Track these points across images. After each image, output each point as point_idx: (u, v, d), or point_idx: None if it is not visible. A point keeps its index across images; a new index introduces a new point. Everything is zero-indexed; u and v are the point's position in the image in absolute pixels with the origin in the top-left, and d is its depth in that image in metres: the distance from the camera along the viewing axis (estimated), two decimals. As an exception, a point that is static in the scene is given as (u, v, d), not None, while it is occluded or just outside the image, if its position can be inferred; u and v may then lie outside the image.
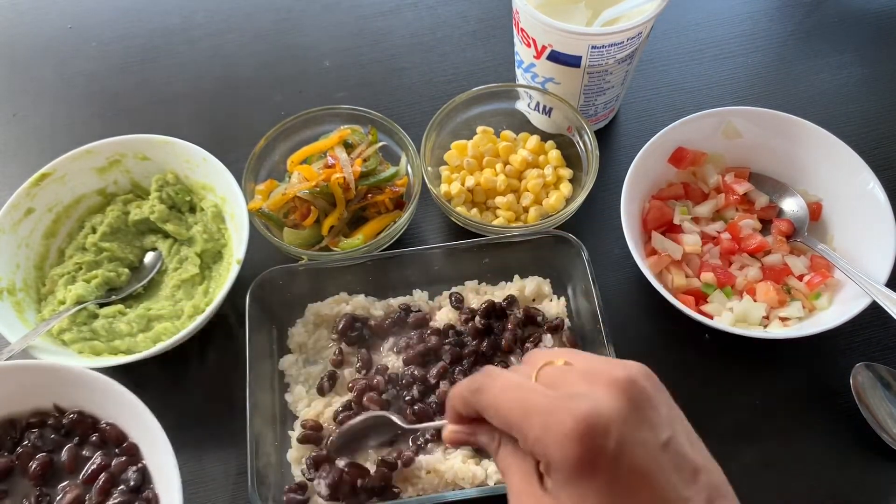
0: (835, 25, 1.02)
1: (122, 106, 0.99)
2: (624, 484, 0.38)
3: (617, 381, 0.40)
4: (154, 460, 0.65)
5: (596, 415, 0.38)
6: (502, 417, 0.42)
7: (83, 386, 0.66)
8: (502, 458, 0.44)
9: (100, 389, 0.66)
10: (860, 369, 0.72)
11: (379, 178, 0.81)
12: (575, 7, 0.81)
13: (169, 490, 0.62)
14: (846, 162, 0.77)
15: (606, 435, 0.38)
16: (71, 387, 0.67)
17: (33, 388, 0.67)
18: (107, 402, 0.66)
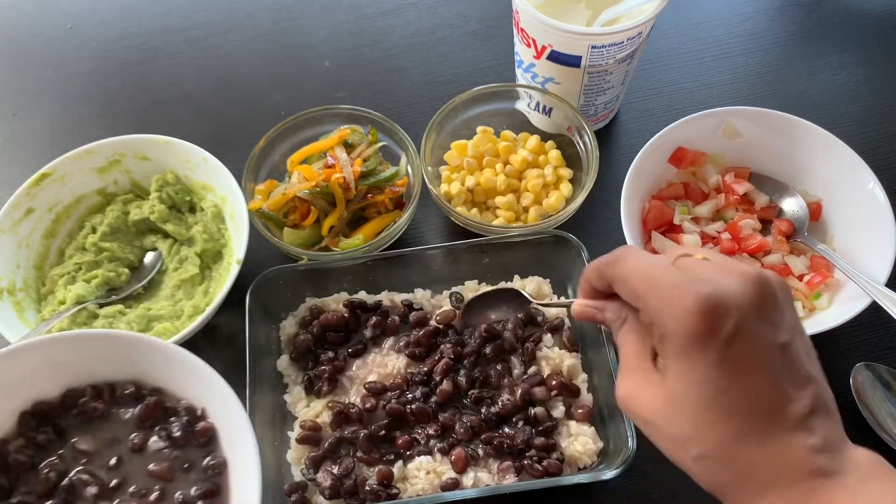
0: (835, 25, 1.02)
1: (122, 106, 0.99)
2: (732, 366, 0.40)
3: (749, 275, 0.41)
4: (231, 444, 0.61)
5: (720, 297, 0.40)
6: (630, 288, 0.44)
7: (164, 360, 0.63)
8: (622, 335, 0.47)
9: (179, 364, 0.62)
10: (860, 369, 0.72)
11: (379, 178, 0.81)
12: (575, 7, 0.81)
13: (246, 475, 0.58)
14: (846, 162, 0.77)
15: (726, 317, 0.40)
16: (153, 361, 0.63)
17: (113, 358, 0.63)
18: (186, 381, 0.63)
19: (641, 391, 0.44)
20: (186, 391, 0.64)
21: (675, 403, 0.42)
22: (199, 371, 0.61)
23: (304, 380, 0.73)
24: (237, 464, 0.60)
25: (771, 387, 0.40)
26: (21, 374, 0.62)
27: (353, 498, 0.66)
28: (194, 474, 0.61)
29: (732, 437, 0.40)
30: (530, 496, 0.65)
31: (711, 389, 0.40)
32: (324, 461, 0.68)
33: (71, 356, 0.62)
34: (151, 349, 0.62)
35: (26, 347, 0.61)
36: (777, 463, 0.40)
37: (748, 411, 0.40)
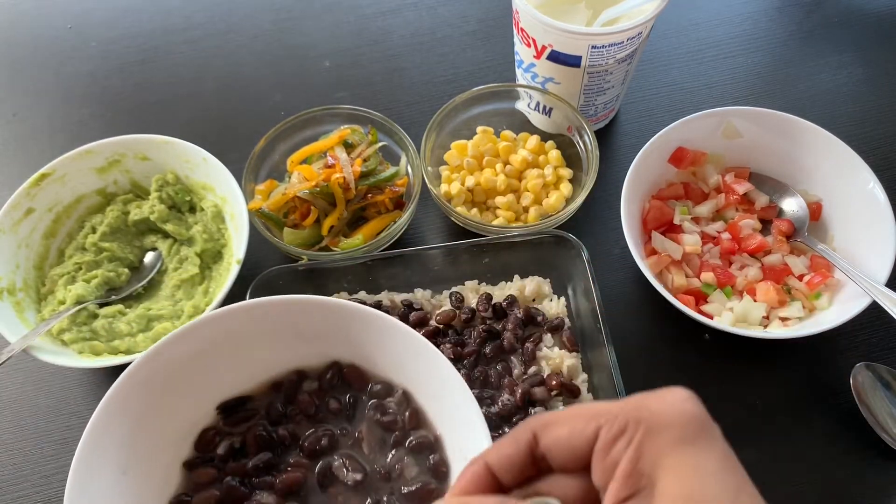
0: (835, 25, 1.02)
1: (122, 106, 0.99)
2: (735, 462, 0.35)
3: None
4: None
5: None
6: (572, 417, 0.37)
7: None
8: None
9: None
10: (860, 369, 0.72)
11: (379, 178, 0.81)
12: (575, 7, 0.81)
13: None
14: (846, 162, 0.77)
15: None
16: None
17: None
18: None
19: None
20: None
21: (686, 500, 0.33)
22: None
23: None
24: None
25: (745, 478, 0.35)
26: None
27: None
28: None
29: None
30: (530, 496, 0.65)
31: (732, 483, 0.34)
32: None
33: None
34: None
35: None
36: None
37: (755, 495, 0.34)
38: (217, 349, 0.60)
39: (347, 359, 0.64)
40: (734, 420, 0.72)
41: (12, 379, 0.79)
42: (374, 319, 0.60)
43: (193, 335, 0.59)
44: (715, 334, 0.76)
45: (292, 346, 0.63)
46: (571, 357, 0.72)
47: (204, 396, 0.62)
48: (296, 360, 0.64)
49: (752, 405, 0.74)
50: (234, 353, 0.61)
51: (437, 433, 0.61)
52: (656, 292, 0.71)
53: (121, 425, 0.56)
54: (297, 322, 0.61)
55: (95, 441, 0.54)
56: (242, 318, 0.60)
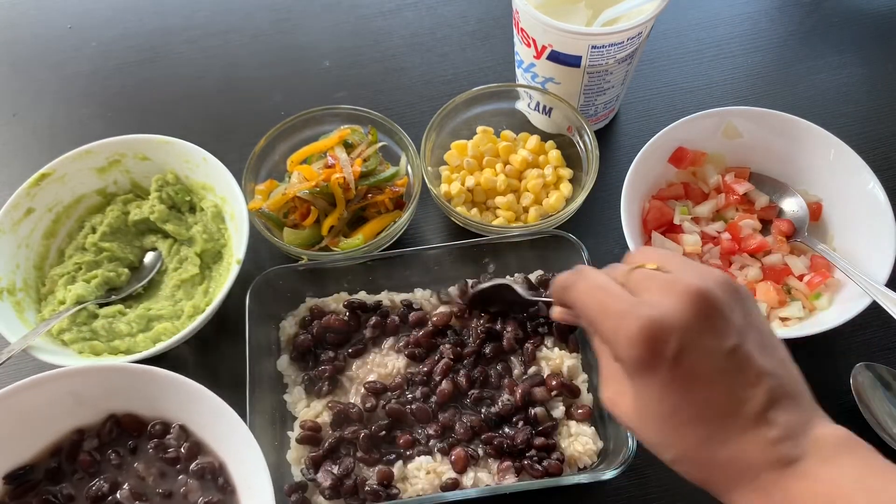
0: (835, 25, 1.02)
1: (122, 106, 0.99)
2: (682, 383, 0.42)
3: (689, 292, 0.43)
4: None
5: (658, 322, 0.42)
6: (584, 315, 0.48)
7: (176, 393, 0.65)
8: (597, 343, 0.49)
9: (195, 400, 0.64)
10: (860, 369, 0.72)
11: (379, 178, 0.81)
12: (575, 7, 0.81)
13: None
14: (846, 162, 0.77)
15: (668, 339, 0.42)
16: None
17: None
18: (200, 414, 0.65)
19: (618, 399, 0.47)
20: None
21: (640, 416, 0.45)
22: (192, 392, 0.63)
23: (304, 380, 0.73)
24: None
25: (723, 393, 0.42)
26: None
27: (352, 498, 0.66)
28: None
29: (696, 444, 0.43)
30: (530, 496, 0.65)
31: (668, 405, 0.43)
32: (324, 461, 0.68)
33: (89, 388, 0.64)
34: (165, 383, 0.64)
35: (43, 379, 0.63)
36: (740, 460, 0.42)
37: (705, 419, 0.43)
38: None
39: (123, 409, 0.66)
40: (734, 420, 0.72)
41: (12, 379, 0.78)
42: (146, 375, 0.64)
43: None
44: (715, 334, 0.76)
45: (72, 411, 0.65)
46: (572, 357, 0.72)
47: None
48: (74, 422, 0.66)
49: (752, 405, 0.74)
50: (15, 425, 0.63)
51: (221, 460, 0.65)
52: (656, 292, 0.70)
53: None
54: (75, 390, 0.64)
55: None
56: (22, 395, 0.62)
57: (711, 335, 0.42)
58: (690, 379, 0.42)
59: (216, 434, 0.65)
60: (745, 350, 0.43)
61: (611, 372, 0.48)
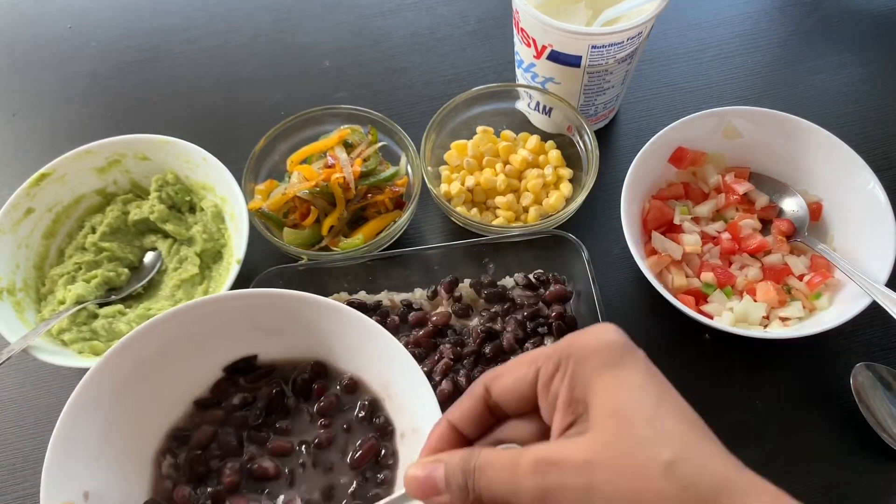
0: (835, 25, 1.02)
1: (122, 106, 0.99)
2: (659, 380, 0.39)
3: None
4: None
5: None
6: (521, 364, 0.41)
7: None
8: (485, 457, 0.39)
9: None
10: (860, 369, 0.72)
11: (379, 178, 0.81)
12: (575, 7, 0.81)
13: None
14: (846, 162, 0.77)
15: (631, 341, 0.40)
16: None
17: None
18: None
19: (557, 448, 0.37)
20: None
21: (612, 421, 0.37)
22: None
23: None
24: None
25: (688, 406, 0.38)
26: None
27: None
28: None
29: (697, 439, 0.36)
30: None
31: (652, 395, 0.37)
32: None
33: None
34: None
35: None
36: (749, 474, 0.36)
37: (690, 418, 0.37)
38: (181, 344, 0.63)
39: (307, 350, 0.67)
40: (734, 420, 0.72)
41: (12, 379, 0.79)
42: (317, 306, 0.64)
43: (156, 330, 0.61)
44: (715, 334, 0.76)
45: (249, 337, 0.66)
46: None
47: (174, 390, 0.64)
48: (253, 350, 0.67)
49: (751, 405, 0.74)
50: (200, 346, 0.64)
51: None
52: (656, 292, 0.71)
53: (93, 414, 0.58)
54: (255, 315, 0.64)
55: (69, 428, 0.57)
56: (206, 310, 0.63)
57: None
58: (661, 376, 0.39)
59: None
60: None
61: (544, 447, 0.39)
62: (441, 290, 0.76)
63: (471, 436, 0.43)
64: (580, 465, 0.35)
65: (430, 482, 0.40)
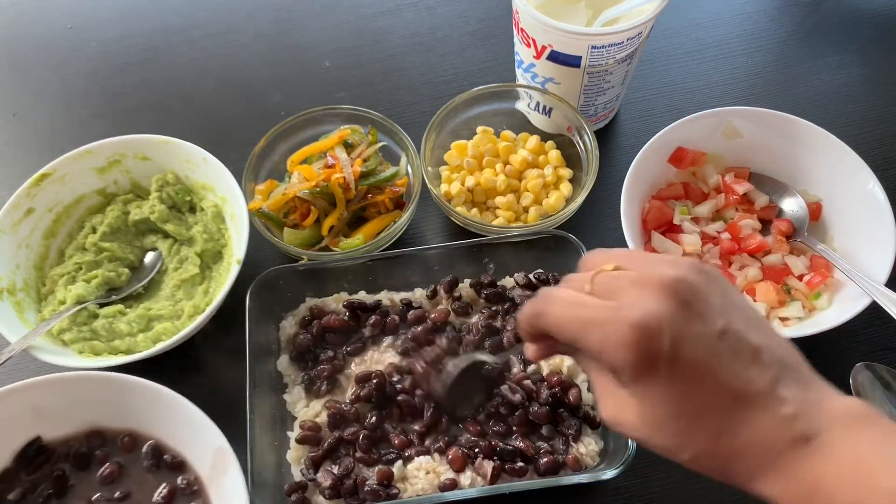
0: (835, 25, 1.02)
1: (122, 106, 0.99)
2: (683, 377, 0.41)
3: (664, 284, 0.41)
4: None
5: (647, 320, 0.40)
6: (565, 336, 0.45)
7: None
8: (586, 362, 0.48)
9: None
10: (860, 369, 0.72)
11: (379, 178, 0.81)
12: (575, 7, 0.81)
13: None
14: (846, 162, 0.77)
15: (660, 337, 0.40)
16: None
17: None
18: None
19: (621, 413, 0.44)
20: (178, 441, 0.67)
21: (650, 423, 0.43)
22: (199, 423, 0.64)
23: (304, 380, 0.73)
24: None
25: (726, 379, 0.41)
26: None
27: (352, 498, 0.66)
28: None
29: (710, 438, 0.41)
30: (530, 496, 0.65)
31: (673, 405, 0.41)
32: (323, 461, 0.68)
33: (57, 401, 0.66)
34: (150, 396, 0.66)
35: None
36: (758, 445, 0.40)
37: (714, 411, 0.41)
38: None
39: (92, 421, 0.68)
40: (734, 420, 0.72)
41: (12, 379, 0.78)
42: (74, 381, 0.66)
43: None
44: (715, 334, 0.76)
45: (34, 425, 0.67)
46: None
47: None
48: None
49: (751, 405, 0.74)
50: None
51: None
52: (656, 292, 0.70)
53: None
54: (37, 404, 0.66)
55: None
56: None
57: (698, 321, 0.41)
58: (690, 372, 0.41)
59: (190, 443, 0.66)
60: (734, 329, 0.42)
61: (605, 388, 0.46)
62: (441, 289, 0.76)
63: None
64: (633, 433, 0.44)
65: (546, 355, 0.51)
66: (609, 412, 0.45)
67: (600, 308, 0.43)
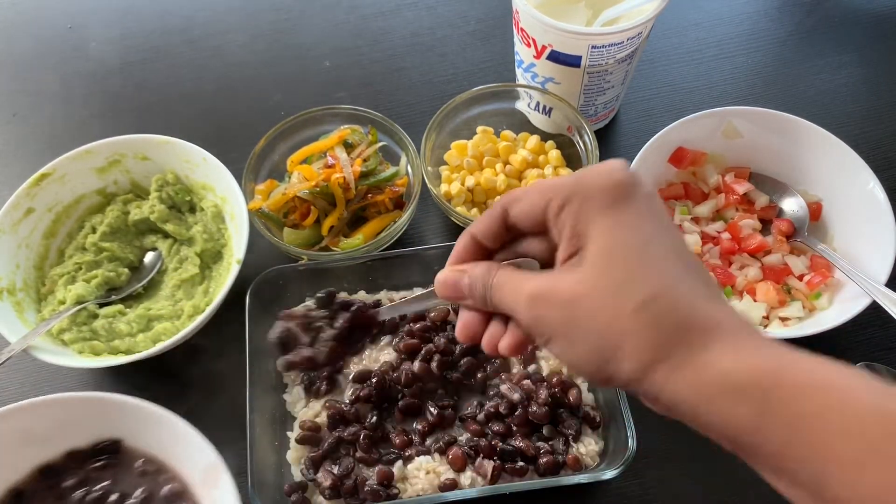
0: (835, 25, 1.02)
1: (122, 106, 0.99)
2: (656, 218, 0.41)
3: (625, 165, 0.43)
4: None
5: (626, 166, 0.42)
6: (531, 192, 0.44)
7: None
8: (501, 276, 0.45)
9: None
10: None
11: (379, 178, 0.81)
12: (575, 7, 0.81)
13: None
14: (846, 162, 0.77)
15: (640, 179, 0.41)
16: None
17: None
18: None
19: (553, 281, 0.42)
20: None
21: (602, 259, 0.40)
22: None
23: (303, 379, 0.73)
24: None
25: (684, 244, 0.42)
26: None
27: (353, 498, 0.66)
28: None
29: (673, 280, 0.39)
30: (530, 496, 0.65)
31: (644, 235, 0.40)
32: (323, 461, 0.68)
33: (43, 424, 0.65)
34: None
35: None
36: (721, 312, 0.38)
37: (683, 258, 0.40)
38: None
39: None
40: (734, 420, 0.72)
41: (12, 379, 0.79)
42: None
43: None
44: (715, 334, 0.75)
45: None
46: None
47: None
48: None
49: (752, 405, 0.74)
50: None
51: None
52: (656, 292, 0.70)
53: None
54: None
55: None
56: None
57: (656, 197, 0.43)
58: (661, 219, 0.41)
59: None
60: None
61: (528, 275, 0.44)
62: None
63: (491, 248, 0.48)
64: (566, 301, 0.40)
65: (456, 287, 0.47)
66: (532, 286, 0.42)
67: (575, 173, 0.44)
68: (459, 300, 0.47)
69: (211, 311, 0.73)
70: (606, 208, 0.40)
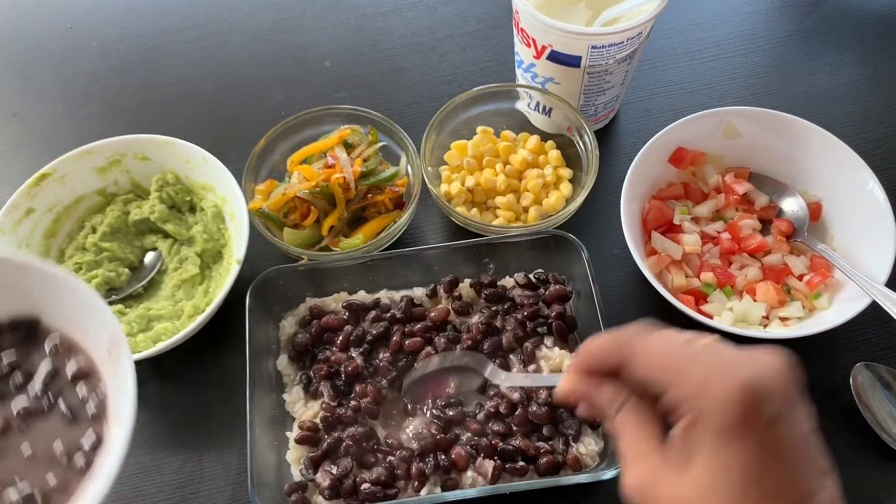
0: (835, 25, 1.02)
1: (122, 106, 0.99)
2: (770, 451, 0.39)
3: (782, 361, 0.40)
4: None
5: (763, 381, 0.39)
6: (656, 365, 0.42)
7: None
8: (622, 417, 0.45)
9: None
10: (860, 369, 0.72)
11: (379, 178, 0.81)
12: (575, 7, 0.81)
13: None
14: (846, 162, 0.77)
15: (768, 401, 0.39)
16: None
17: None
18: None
19: (660, 477, 0.41)
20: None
21: (707, 491, 0.39)
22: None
23: (303, 379, 0.73)
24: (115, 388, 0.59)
25: (803, 474, 0.40)
26: None
27: (352, 498, 0.66)
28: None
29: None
30: (530, 496, 0.65)
31: (752, 475, 0.39)
32: (322, 461, 0.68)
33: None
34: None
35: None
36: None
37: (785, 497, 0.39)
38: None
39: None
40: (734, 420, 0.72)
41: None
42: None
43: None
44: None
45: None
46: (572, 357, 0.72)
47: None
48: None
49: (751, 405, 0.74)
50: None
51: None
52: (656, 292, 0.71)
53: None
54: None
55: None
56: None
57: (799, 411, 0.40)
58: (779, 449, 0.39)
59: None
60: (816, 439, 0.40)
61: (646, 446, 0.43)
62: (441, 289, 0.76)
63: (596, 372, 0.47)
64: (666, 499, 0.41)
65: (581, 396, 0.47)
66: (639, 477, 0.43)
67: (708, 356, 0.41)
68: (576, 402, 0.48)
69: (211, 311, 0.73)
70: (719, 440, 0.39)
